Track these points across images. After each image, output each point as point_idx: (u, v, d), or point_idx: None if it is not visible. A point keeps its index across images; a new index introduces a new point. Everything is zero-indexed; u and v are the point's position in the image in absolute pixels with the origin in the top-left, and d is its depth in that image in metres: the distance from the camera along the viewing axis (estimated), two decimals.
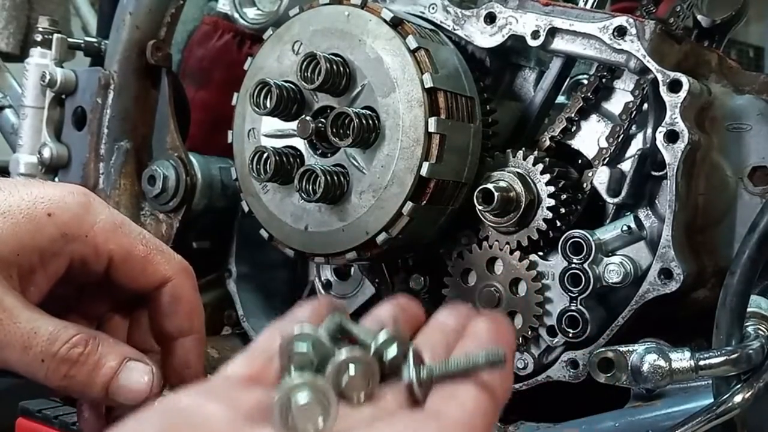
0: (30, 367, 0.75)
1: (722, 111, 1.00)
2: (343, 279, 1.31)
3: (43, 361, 0.75)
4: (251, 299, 1.33)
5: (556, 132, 1.07)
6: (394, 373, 0.61)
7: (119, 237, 0.80)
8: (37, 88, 1.35)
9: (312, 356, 0.60)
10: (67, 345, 0.75)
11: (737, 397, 0.76)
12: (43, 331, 0.75)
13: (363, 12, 1.03)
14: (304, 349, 0.60)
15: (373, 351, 0.62)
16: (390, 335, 0.62)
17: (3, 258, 0.75)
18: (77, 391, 0.78)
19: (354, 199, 1.02)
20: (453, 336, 0.67)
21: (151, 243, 0.83)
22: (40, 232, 0.76)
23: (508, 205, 1.00)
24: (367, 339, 0.63)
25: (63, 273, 0.79)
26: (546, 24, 1.02)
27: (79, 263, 0.80)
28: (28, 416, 1.19)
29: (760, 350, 0.77)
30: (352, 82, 1.01)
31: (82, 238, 0.78)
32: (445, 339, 0.67)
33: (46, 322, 0.75)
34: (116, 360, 0.77)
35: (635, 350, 0.84)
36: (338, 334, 0.65)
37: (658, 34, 0.96)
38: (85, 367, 0.76)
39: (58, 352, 0.75)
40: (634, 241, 1.00)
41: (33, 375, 0.76)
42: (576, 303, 0.99)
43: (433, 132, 0.97)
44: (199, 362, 0.85)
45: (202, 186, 1.29)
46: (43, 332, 0.75)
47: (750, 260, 0.78)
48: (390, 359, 0.61)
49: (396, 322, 0.68)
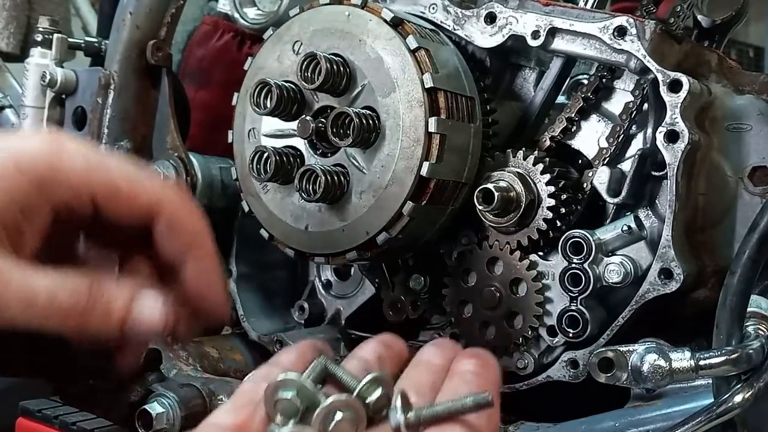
0: (37, 323, 0.72)
1: (722, 111, 1.00)
2: (343, 279, 1.31)
3: (49, 317, 0.72)
4: (251, 299, 1.33)
5: (556, 132, 1.07)
6: (381, 417, 0.61)
7: (98, 175, 0.75)
8: (37, 88, 1.34)
9: (298, 403, 0.60)
10: (69, 297, 0.72)
11: (737, 397, 0.76)
12: (42, 288, 0.71)
13: (363, 12, 1.03)
14: (289, 396, 0.60)
15: (359, 394, 0.61)
16: (375, 377, 0.62)
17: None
18: (95, 337, 0.74)
19: (354, 199, 1.02)
20: (439, 375, 0.67)
21: (132, 175, 0.77)
22: (14, 187, 0.72)
23: (508, 205, 1.00)
24: (352, 382, 0.63)
25: (50, 223, 0.75)
26: (546, 24, 1.02)
27: (64, 210, 0.75)
28: (28, 416, 1.19)
29: (760, 350, 0.77)
30: (353, 82, 1.01)
31: (59, 185, 0.73)
32: (431, 378, 0.66)
33: (42, 278, 0.72)
34: (125, 296, 0.74)
35: (635, 350, 0.84)
36: (323, 378, 0.65)
37: (659, 34, 0.96)
38: (95, 312, 0.73)
39: (61, 305, 0.72)
40: (634, 241, 1.00)
41: (44, 329, 0.73)
42: (576, 303, 0.99)
43: (433, 132, 0.98)
44: (218, 278, 0.80)
45: (202, 186, 1.29)
46: (42, 289, 0.71)
47: (750, 260, 0.78)
48: (375, 403, 0.61)
49: (381, 361, 0.67)
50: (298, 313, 1.34)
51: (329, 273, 1.32)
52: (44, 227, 0.75)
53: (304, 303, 1.33)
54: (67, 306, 0.72)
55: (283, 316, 1.35)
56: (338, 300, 1.32)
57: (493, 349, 1.05)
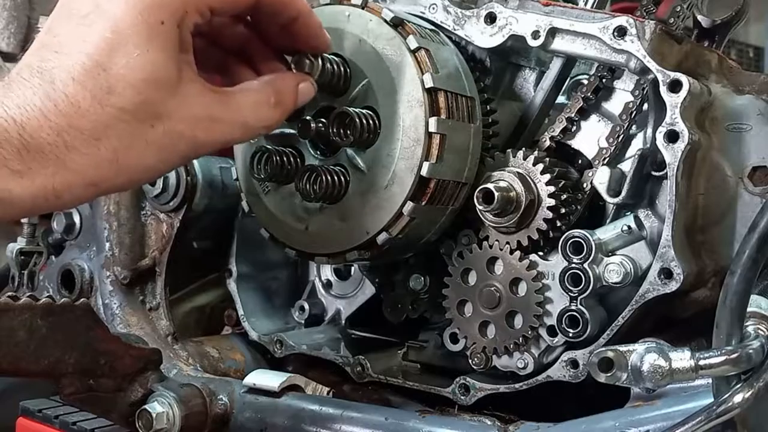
0: (247, 137, 0.96)
1: (722, 111, 1.00)
2: (343, 279, 1.31)
3: (256, 129, 0.92)
4: (251, 299, 1.33)
5: (556, 132, 1.07)
6: None
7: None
8: None
9: None
10: (267, 102, 0.92)
11: (737, 397, 0.75)
12: (247, 106, 0.90)
13: (364, 12, 1.03)
14: None
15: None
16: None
17: (170, 35, 0.82)
18: (277, 125, 0.95)
19: (354, 198, 1.02)
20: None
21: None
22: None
23: (508, 205, 1.00)
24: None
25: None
26: (546, 24, 1.02)
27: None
28: (28, 416, 1.19)
29: (760, 350, 0.77)
30: (353, 82, 1.01)
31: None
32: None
33: (243, 97, 0.91)
34: (292, 85, 0.95)
35: (635, 350, 0.84)
36: None
37: (659, 35, 0.97)
38: (280, 105, 0.93)
39: (262, 113, 0.91)
40: (634, 241, 1.00)
41: (244, 140, 1.03)
42: (576, 303, 0.99)
43: (433, 132, 0.98)
44: (321, 30, 0.97)
45: (202, 186, 1.29)
46: (248, 107, 0.90)
47: (750, 260, 0.78)
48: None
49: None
50: (298, 313, 1.34)
51: (329, 273, 1.32)
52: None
53: (305, 303, 1.33)
54: (266, 112, 0.92)
55: (284, 316, 1.35)
56: (338, 300, 1.32)
57: (494, 350, 1.05)
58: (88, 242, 1.38)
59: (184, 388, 1.07)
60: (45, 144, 0.76)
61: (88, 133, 0.78)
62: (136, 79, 0.80)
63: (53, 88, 0.78)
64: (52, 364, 0.94)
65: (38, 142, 0.76)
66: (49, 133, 0.76)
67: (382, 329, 1.27)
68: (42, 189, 0.77)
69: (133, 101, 0.80)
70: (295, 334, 1.29)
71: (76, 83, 0.78)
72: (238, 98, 0.90)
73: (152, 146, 0.83)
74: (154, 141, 0.82)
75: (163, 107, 0.82)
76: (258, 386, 1.11)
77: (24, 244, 1.47)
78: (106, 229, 1.33)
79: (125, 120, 0.80)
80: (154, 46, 0.81)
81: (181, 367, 1.23)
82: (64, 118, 0.77)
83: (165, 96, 0.82)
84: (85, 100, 0.78)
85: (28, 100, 0.77)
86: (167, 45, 0.82)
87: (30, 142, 0.76)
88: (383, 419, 1.03)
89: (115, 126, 0.79)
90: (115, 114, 0.79)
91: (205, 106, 0.86)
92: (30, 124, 0.76)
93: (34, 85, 0.78)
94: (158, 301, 1.32)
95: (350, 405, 1.08)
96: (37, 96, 0.77)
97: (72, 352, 0.96)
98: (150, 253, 1.32)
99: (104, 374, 1.00)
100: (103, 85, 0.79)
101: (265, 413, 1.09)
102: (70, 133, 0.77)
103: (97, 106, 0.78)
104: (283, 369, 1.25)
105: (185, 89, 0.84)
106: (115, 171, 0.80)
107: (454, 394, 1.07)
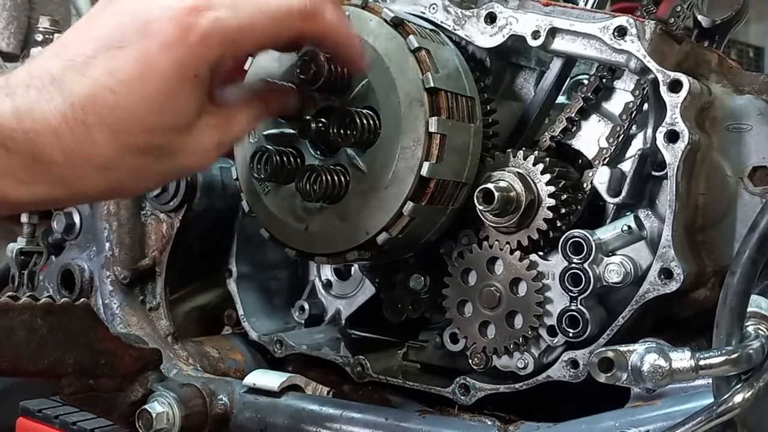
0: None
1: (722, 111, 1.00)
2: (343, 279, 1.31)
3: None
4: (251, 299, 1.33)
5: (556, 132, 1.07)
6: None
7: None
8: None
9: None
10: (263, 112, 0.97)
11: (737, 397, 0.75)
12: (242, 120, 0.91)
13: (364, 12, 1.03)
14: None
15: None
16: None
17: (200, 82, 0.82)
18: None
19: (354, 198, 1.02)
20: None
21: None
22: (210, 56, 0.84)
23: (508, 205, 1.00)
24: None
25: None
26: (546, 24, 1.02)
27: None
28: (28, 416, 1.19)
29: (760, 350, 0.77)
30: (353, 82, 1.01)
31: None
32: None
33: (240, 112, 0.91)
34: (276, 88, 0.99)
35: (635, 350, 0.84)
36: None
37: (659, 35, 0.97)
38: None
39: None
40: (634, 241, 1.00)
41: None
42: (576, 303, 0.99)
43: (433, 132, 0.98)
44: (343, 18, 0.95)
45: (202, 186, 1.29)
46: (243, 120, 0.91)
47: (750, 260, 0.78)
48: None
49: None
50: (298, 313, 1.34)
51: (329, 273, 1.32)
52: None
53: (305, 303, 1.33)
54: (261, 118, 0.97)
55: (284, 316, 1.35)
56: (338, 300, 1.32)
57: (494, 350, 1.05)
58: (88, 242, 1.38)
59: (184, 388, 1.08)
60: (54, 164, 0.77)
61: (99, 164, 0.79)
62: (156, 125, 0.80)
63: (72, 113, 0.77)
64: (52, 364, 0.94)
65: (48, 159, 0.77)
66: (59, 155, 0.77)
67: (382, 329, 1.27)
68: (43, 196, 0.79)
69: (151, 143, 0.81)
70: (295, 334, 1.29)
71: (95, 115, 0.77)
72: (236, 115, 0.90)
73: (159, 176, 0.86)
74: (161, 172, 0.85)
75: (179, 145, 0.83)
76: (258, 386, 1.11)
77: (24, 244, 1.47)
78: (106, 229, 1.33)
79: (139, 157, 0.81)
80: (183, 96, 0.81)
81: (181, 367, 1.23)
82: (77, 145, 0.78)
83: (182, 136, 0.83)
84: (102, 135, 0.78)
85: (44, 114, 0.76)
86: (195, 92, 0.82)
87: (39, 158, 0.77)
88: (383, 419, 1.04)
89: (127, 161, 0.80)
90: (130, 151, 0.80)
91: (214, 137, 0.86)
92: (42, 141, 0.76)
93: (53, 98, 0.77)
94: (158, 301, 1.32)
95: (350, 405, 1.08)
96: (53, 115, 0.77)
97: (72, 352, 0.96)
98: (150, 253, 1.32)
99: (104, 374, 1.00)
100: (122, 124, 0.79)
101: (265, 413, 1.09)
102: (81, 161, 0.78)
103: (112, 142, 0.79)
104: (283, 369, 1.25)
105: (200, 125, 0.84)
106: (117, 194, 0.85)
107: (454, 394, 1.07)
